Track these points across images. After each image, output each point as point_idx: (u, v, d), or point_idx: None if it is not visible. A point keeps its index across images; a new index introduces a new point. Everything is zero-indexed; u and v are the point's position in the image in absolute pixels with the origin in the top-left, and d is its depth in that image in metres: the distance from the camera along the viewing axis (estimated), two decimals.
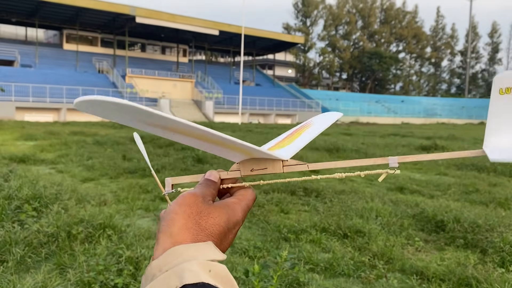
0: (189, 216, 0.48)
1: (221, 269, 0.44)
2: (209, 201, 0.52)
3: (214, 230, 0.48)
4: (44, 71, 32.84)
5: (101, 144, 11.67)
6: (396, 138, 17.42)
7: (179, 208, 0.49)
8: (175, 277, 0.41)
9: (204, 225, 0.48)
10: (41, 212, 4.39)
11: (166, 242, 0.46)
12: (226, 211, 0.51)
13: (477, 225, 4.32)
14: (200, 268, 0.42)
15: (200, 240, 0.47)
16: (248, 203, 0.55)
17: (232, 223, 0.51)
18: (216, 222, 0.49)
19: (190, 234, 0.47)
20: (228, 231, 0.50)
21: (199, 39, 42.09)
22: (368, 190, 6.49)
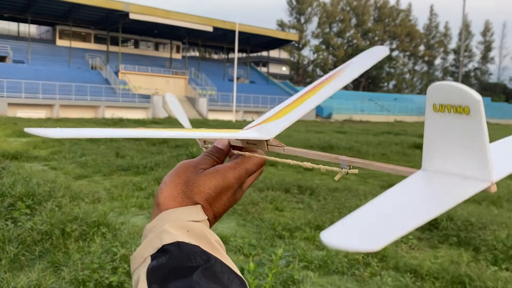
0: (176, 186, 0.53)
1: (197, 228, 0.48)
2: (200, 170, 0.55)
3: (199, 197, 0.52)
4: (37, 67, 32.56)
5: (94, 141, 11.61)
6: (389, 136, 17.50)
7: (169, 178, 0.54)
8: (157, 239, 0.47)
9: (189, 193, 0.52)
10: (35, 210, 4.36)
11: (156, 209, 0.52)
12: (214, 177, 0.54)
13: (470, 223, 4.36)
14: (178, 229, 0.47)
15: (186, 206, 0.52)
16: (248, 167, 0.57)
17: (221, 188, 0.54)
18: (201, 190, 0.53)
19: (175, 201, 0.52)
20: (217, 196, 0.54)
21: (193, 35, 41.91)
22: (361, 187, 6.53)
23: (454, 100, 0.36)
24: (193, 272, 0.43)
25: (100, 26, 39.39)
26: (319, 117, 42.84)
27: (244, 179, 0.57)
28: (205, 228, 0.49)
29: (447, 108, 0.37)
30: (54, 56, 36.85)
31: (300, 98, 0.66)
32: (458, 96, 0.36)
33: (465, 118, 0.36)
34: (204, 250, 0.46)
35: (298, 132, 17.12)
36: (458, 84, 0.35)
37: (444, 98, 0.37)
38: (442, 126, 0.38)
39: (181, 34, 41.26)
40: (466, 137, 0.36)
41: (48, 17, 36.69)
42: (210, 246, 0.47)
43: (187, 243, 0.46)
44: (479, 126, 0.35)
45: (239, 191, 0.58)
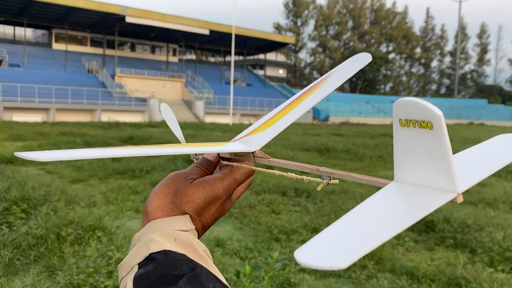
0: (166, 196, 0.54)
1: (185, 237, 0.49)
2: (189, 180, 0.55)
3: (188, 207, 0.53)
4: (33, 70, 32.48)
5: (91, 144, 11.58)
6: (386, 139, 17.52)
7: (159, 188, 0.55)
8: (144, 247, 0.47)
9: (178, 203, 0.53)
10: (30, 214, 4.34)
11: (145, 219, 0.53)
12: (202, 188, 0.54)
13: (467, 225, 4.36)
14: (165, 237, 0.48)
15: (175, 215, 0.52)
16: (237, 177, 0.57)
17: (209, 198, 0.54)
18: (190, 200, 0.53)
19: (164, 211, 0.52)
20: (206, 206, 0.54)
21: (189, 38, 41.93)
22: (358, 190, 6.52)
23: (417, 116, 0.37)
24: (178, 280, 0.43)
25: (96, 29, 39.36)
26: (316, 120, 42.90)
27: (233, 190, 0.58)
28: (192, 237, 0.50)
29: (412, 123, 0.38)
30: (50, 59, 36.77)
31: (286, 108, 0.67)
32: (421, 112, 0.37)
33: (428, 132, 0.37)
34: (190, 259, 0.46)
35: (295, 135, 17.13)
36: (420, 100, 0.37)
37: (408, 113, 0.38)
38: (409, 140, 0.39)
39: (178, 37, 41.28)
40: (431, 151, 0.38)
41: (44, 20, 36.64)
42: (197, 255, 0.47)
43: (174, 251, 0.46)
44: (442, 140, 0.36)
45: (228, 202, 0.58)
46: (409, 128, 0.38)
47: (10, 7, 32.84)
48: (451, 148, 0.36)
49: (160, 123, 26.06)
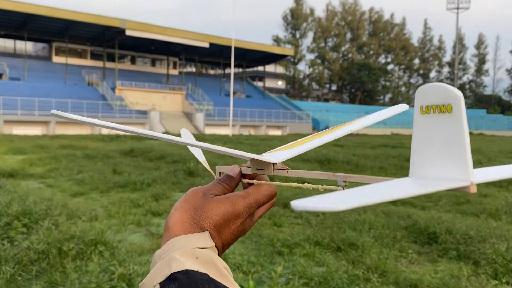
0: (186, 211, 0.54)
1: (206, 255, 0.49)
2: (210, 196, 0.56)
3: (207, 223, 0.53)
4: (33, 84, 32.63)
5: (91, 157, 11.58)
6: (386, 149, 17.53)
7: (179, 204, 0.56)
8: (166, 266, 0.47)
9: (197, 219, 0.53)
10: (31, 229, 4.32)
11: (166, 234, 0.53)
12: (223, 205, 0.54)
13: (469, 236, 4.34)
14: (186, 256, 0.48)
15: (194, 232, 0.53)
16: (259, 197, 0.57)
17: (229, 215, 0.54)
18: (209, 216, 0.53)
19: (184, 227, 0.53)
20: (225, 223, 0.54)
21: (189, 51, 42.20)
22: None
23: (437, 100, 0.38)
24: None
25: (96, 42, 39.62)
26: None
27: (254, 209, 0.57)
28: (213, 254, 0.50)
29: (432, 108, 0.39)
30: (51, 72, 36.94)
31: (314, 135, 0.71)
32: (441, 95, 0.37)
33: (447, 117, 0.38)
34: (212, 279, 0.46)
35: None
36: (441, 84, 0.37)
37: (429, 99, 0.39)
38: (428, 128, 0.40)
39: (178, 50, 41.53)
40: (448, 136, 0.38)
41: (44, 34, 36.90)
42: (218, 273, 0.47)
43: (195, 271, 0.46)
44: (460, 122, 0.37)
45: (248, 221, 0.58)
46: (429, 115, 0.39)
47: (11, 21, 33.10)
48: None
49: None
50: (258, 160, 0.60)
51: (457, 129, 0.37)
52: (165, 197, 6.74)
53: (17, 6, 30.37)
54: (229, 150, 0.57)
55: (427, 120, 0.40)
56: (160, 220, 5.48)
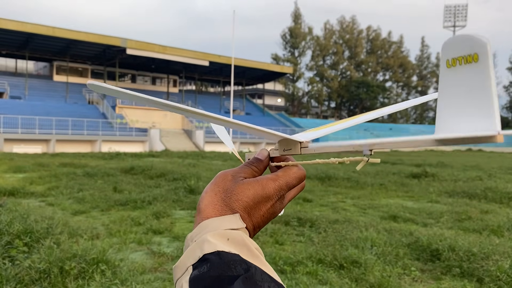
0: (216, 194, 0.55)
1: (237, 236, 0.49)
2: (239, 178, 0.56)
3: (237, 205, 0.53)
4: (34, 102, 32.79)
5: (91, 175, 11.57)
6: (386, 166, 17.52)
7: (209, 187, 0.56)
8: (198, 248, 0.48)
9: (228, 201, 0.53)
10: (33, 248, 4.30)
11: (198, 217, 0.54)
12: (253, 187, 0.55)
13: (472, 253, 4.32)
14: (218, 238, 0.48)
15: (225, 214, 0.53)
16: (289, 180, 0.58)
17: (260, 198, 0.55)
18: (239, 198, 0.54)
19: (215, 209, 0.53)
20: (256, 205, 0.54)
21: (189, 69, 42.55)
22: (361, 219, 6.49)
23: (464, 50, 0.37)
24: (233, 282, 0.43)
25: (97, 61, 39.97)
26: None
27: (284, 192, 0.58)
28: (244, 235, 0.50)
29: (458, 60, 0.38)
30: (51, 91, 37.17)
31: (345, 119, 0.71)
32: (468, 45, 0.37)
33: (474, 66, 0.37)
34: (244, 259, 0.46)
35: None
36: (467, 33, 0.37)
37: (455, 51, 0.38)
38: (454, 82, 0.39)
39: (178, 68, 41.88)
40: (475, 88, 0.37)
41: (45, 53, 37.24)
42: (250, 254, 0.48)
43: (227, 252, 0.46)
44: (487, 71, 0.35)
45: (279, 204, 0.58)
46: (455, 68, 0.38)
47: (12, 40, 33.43)
48: None
49: (160, 153, 26.10)
50: (285, 140, 0.60)
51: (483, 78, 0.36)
52: (166, 215, 6.72)
53: (19, 26, 30.73)
54: (258, 128, 0.57)
55: (453, 74, 0.39)
56: (161, 238, 5.45)
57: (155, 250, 4.81)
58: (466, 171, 15.14)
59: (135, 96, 0.51)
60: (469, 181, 11.66)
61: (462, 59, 0.37)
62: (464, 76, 0.38)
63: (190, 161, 17.65)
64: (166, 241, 5.34)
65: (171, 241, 5.34)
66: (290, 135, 0.59)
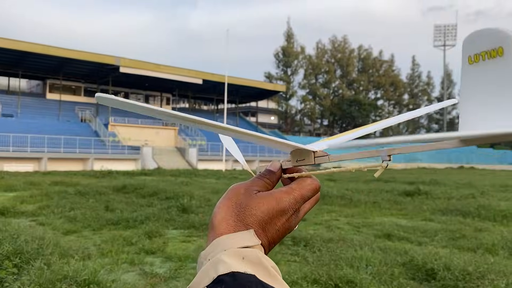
0: (229, 208, 0.53)
1: (252, 254, 0.47)
2: (253, 192, 0.54)
3: (252, 220, 0.51)
4: (26, 120, 32.62)
5: (83, 194, 11.44)
6: (379, 184, 17.54)
7: (221, 202, 0.55)
8: (212, 268, 0.46)
9: (241, 216, 0.52)
10: (22, 269, 4.22)
11: (211, 233, 0.52)
12: (267, 201, 0.53)
13: (468, 272, 4.30)
14: (233, 257, 0.46)
15: (239, 230, 0.51)
16: (303, 192, 0.56)
17: (274, 212, 0.53)
18: (253, 213, 0.52)
19: (229, 225, 0.51)
20: (270, 220, 0.52)
21: (183, 87, 42.71)
22: (356, 237, 6.46)
23: (487, 45, 0.35)
24: None
25: (90, 79, 40.02)
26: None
27: (300, 205, 0.56)
28: (260, 253, 0.48)
29: (481, 56, 0.36)
30: (44, 109, 37.05)
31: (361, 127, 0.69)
32: (491, 39, 0.34)
33: (499, 61, 0.35)
34: (260, 280, 0.44)
35: None
36: (490, 27, 0.35)
37: (478, 46, 0.36)
38: (478, 78, 0.37)
39: (171, 86, 42.03)
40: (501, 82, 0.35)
41: (38, 71, 37.25)
42: (266, 273, 0.46)
43: (242, 273, 0.45)
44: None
45: (294, 218, 0.56)
46: (478, 64, 0.36)
47: (5, 59, 33.42)
48: None
49: (153, 171, 25.94)
50: (298, 150, 0.58)
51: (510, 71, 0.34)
52: (158, 234, 6.64)
53: (13, 44, 30.78)
54: (270, 137, 0.54)
55: (477, 70, 0.37)
56: (153, 258, 5.38)
57: (148, 270, 4.74)
58: (459, 188, 15.20)
59: (145, 108, 0.48)
60: (462, 199, 11.69)
61: (485, 54, 0.36)
62: (489, 71, 0.36)
63: (183, 180, 17.55)
64: (159, 261, 5.27)
65: (163, 261, 5.26)
66: (303, 145, 0.58)
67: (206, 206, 9.23)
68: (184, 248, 5.87)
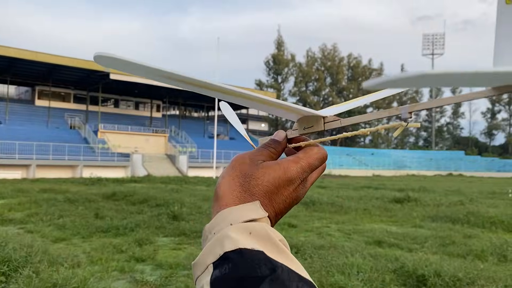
0: (233, 179, 0.51)
1: (260, 229, 0.45)
2: (258, 162, 0.52)
3: (257, 190, 0.50)
4: (14, 127, 32.25)
5: (73, 201, 11.33)
6: (369, 191, 17.63)
7: (226, 172, 0.52)
8: (218, 245, 0.44)
9: (247, 186, 0.50)
10: (10, 277, 4.16)
11: (216, 205, 0.50)
12: (273, 170, 0.51)
13: (458, 278, 4.34)
14: (239, 232, 0.44)
15: (245, 201, 0.49)
16: (311, 161, 0.54)
17: (281, 181, 0.51)
18: (259, 183, 0.50)
19: (234, 196, 0.49)
20: (277, 189, 0.51)
21: (173, 94, 42.61)
22: (347, 244, 6.47)
23: None
24: (259, 284, 0.40)
25: (80, 86, 39.75)
26: None
27: (307, 174, 0.54)
28: (267, 227, 0.46)
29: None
30: (33, 116, 36.68)
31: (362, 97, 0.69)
32: None
33: None
34: (268, 257, 0.42)
35: None
36: None
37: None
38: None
39: (162, 93, 41.91)
40: None
41: (27, 78, 36.91)
42: (275, 248, 0.44)
43: (250, 249, 0.43)
44: None
45: (301, 188, 0.54)
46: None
47: None
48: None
49: (142, 178, 25.77)
50: (305, 117, 0.56)
51: None
52: (148, 242, 6.59)
53: (1, 50, 30.48)
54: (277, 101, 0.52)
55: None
56: (144, 266, 5.33)
57: (138, 278, 4.70)
58: (448, 195, 15.33)
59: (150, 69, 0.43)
60: (451, 205, 11.79)
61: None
62: None
63: (173, 187, 17.47)
64: (149, 269, 5.23)
65: (154, 269, 5.22)
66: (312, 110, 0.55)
67: (197, 214, 9.19)
68: (175, 256, 5.83)
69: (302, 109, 0.54)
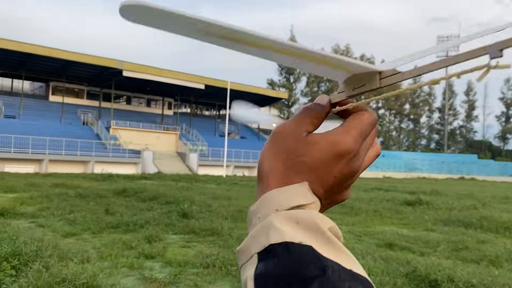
0: (276, 156, 0.46)
1: (308, 218, 0.41)
2: (302, 135, 0.46)
3: (303, 169, 0.45)
4: (28, 122, 32.63)
5: (84, 197, 11.40)
6: (380, 193, 17.48)
7: (267, 148, 0.47)
8: (263, 234, 0.40)
9: (290, 164, 0.45)
10: (21, 271, 4.17)
11: (259, 186, 0.46)
12: (320, 145, 0.45)
13: (472, 284, 4.25)
14: (285, 222, 0.40)
15: (290, 182, 0.44)
16: (362, 128, 0.47)
17: (331, 156, 0.45)
18: (304, 160, 0.45)
19: (277, 177, 0.45)
20: (326, 166, 0.45)
21: (185, 92, 42.74)
22: (357, 246, 6.40)
23: None
24: (308, 285, 0.37)
25: (93, 82, 40.09)
26: None
27: (360, 144, 0.47)
28: (316, 215, 0.42)
29: None
30: (46, 111, 37.08)
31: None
32: None
33: None
34: (316, 253, 0.38)
35: None
36: None
37: None
38: None
39: (173, 91, 42.06)
40: None
41: (42, 73, 37.32)
42: (324, 241, 0.40)
43: (297, 244, 0.39)
44: None
45: (355, 160, 0.47)
46: None
47: (9, 60, 33.49)
48: None
49: (153, 175, 25.89)
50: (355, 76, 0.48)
51: None
52: (158, 239, 6.58)
53: (16, 45, 30.86)
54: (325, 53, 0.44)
55: None
56: (153, 263, 5.32)
57: (147, 275, 4.69)
58: (460, 199, 15.12)
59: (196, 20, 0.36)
60: (464, 209, 11.62)
61: None
62: None
63: (183, 184, 17.50)
64: (159, 266, 5.22)
65: (163, 266, 5.21)
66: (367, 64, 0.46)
67: (206, 212, 9.18)
68: (184, 254, 5.81)
69: (355, 63, 0.46)
